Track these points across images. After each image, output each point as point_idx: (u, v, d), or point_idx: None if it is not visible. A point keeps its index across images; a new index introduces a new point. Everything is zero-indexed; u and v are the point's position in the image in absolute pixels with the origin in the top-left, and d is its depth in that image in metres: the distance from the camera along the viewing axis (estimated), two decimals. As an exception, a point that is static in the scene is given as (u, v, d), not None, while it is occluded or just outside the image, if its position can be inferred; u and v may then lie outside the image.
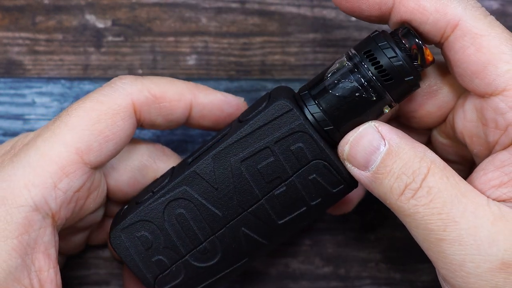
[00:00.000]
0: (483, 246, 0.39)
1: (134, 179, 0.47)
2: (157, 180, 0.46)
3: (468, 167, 0.48)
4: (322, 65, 0.54)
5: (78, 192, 0.43)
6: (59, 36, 0.54)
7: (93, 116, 0.43)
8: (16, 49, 0.54)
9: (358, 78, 0.42)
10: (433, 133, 0.47)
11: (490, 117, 0.42)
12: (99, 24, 0.54)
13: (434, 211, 0.39)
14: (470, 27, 0.41)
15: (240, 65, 0.54)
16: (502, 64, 0.40)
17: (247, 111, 0.44)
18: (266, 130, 0.42)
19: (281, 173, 0.43)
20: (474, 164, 0.45)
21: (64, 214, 0.43)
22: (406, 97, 0.43)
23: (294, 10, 0.54)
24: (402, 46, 0.41)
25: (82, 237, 0.50)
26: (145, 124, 0.46)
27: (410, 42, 0.41)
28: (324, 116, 0.42)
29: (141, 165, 0.47)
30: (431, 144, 0.48)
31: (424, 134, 0.48)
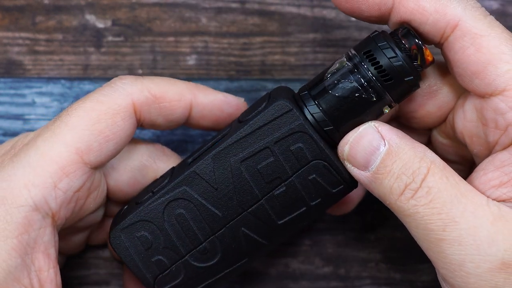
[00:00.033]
0: (483, 246, 0.39)
1: (134, 179, 0.47)
2: (157, 180, 0.46)
3: (468, 167, 0.48)
4: (322, 65, 0.54)
5: (78, 192, 0.43)
6: (59, 36, 0.54)
7: (93, 116, 0.43)
8: (16, 49, 0.54)
9: (358, 79, 0.41)
10: (433, 133, 0.47)
11: (490, 117, 0.42)
12: (99, 24, 0.54)
13: (433, 211, 0.39)
14: (470, 27, 0.41)
15: (240, 65, 0.54)
16: (502, 64, 0.40)
17: (247, 111, 0.44)
18: (266, 130, 0.42)
19: (281, 173, 0.43)
20: (474, 164, 0.45)
21: (64, 214, 0.43)
22: (406, 97, 0.43)
23: (294, 10, 0.54)
24: (402, 46, 0.41)
25: (82, 237, 0.50)
26: (145, 124, 0.46)
27: (410, 42, 0.41)
28: (324, 116, 0.42)
29: (141, 165, 0.47)
30: (431, 144, 0.48)
31: (424, 134, 0.48)
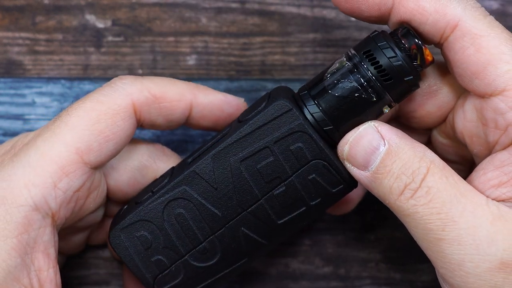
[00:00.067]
0: (482, 246, 0.39)
1: (134, 179, 0.47)
2: (156, 180, 0.46)
3: (468, 167, 0.48)
4: (322, 65, 0.54)
5: (78, 192, 0.43)
6: (59, 36, 0.54)
7: (93, 116, 0.43)
8: (16, 49, 0.54)
9: (357, 78, 0.41)
10: (433, 133, 0.47)
11: (490, 117, 0.42)
12: (99, 24, 0.54)
13: (433, 211, 0.39)
14: (470, 28, 0.41)
15: (240, 65, 0.54)
16: (501, 64, 0.40)
17: (247, 111, 0.44)
18: (265, 130, 0.42)
19: (280, 173, 0.43)
20: (474, 164, 0.45)
21: (64, 214, 0.43)
22: (406, 97, 0.43)
23: (294, 10, 0.54)
24: (402, 46, 0.41)
25: (82, 237, 0.50)
26: (145, 124, 0.46)
27: (410, 42, 0.41)
28: (323, 116, 0.42)
29: (141, 165, 0.47)
30: (431, 144, 0.48)
31: (424, 134, 0.48)
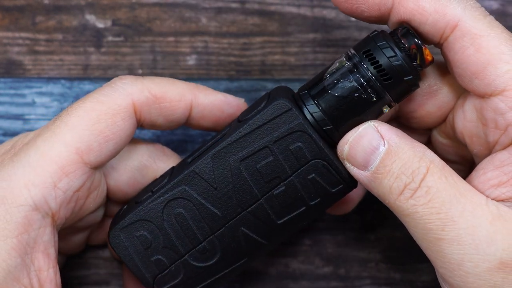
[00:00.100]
0: (482, 246, 0.39)
1: (134, 179, 0.47)
2: (156, 180, 0.46)
3: (468, 167, 0.48)
4: (322, 65, 0.54)
5: (78, 192, 0.43)
6: (59, 36, 0.54)
7: (93, 116, 0.43)
8: (16, 49, 0.54)
9: (357, 78, 0.41)
10: (433, 133, 0.47)
11: (490, 117, 0.42)
12: (99, 24, 0.54)
13: (432, 211, 0.39)
14: (470, 28, 0.41)
15: (240, 65, 0.54)
16: (501, 64, 0.40)
17: (247, 111, 0.44)
18: (265, 129, 0.42)
19: (280, 172, 0.43)
20: (474, 164, 0.45)
21: (63, 214, 0.43)
22: (406, 97, 0.43)
23: (294, 10, 0.54)
24: (401, 46, 0.41)
25: (82, 237, 0.50)
26: (145, 124, 0.46)
27: (409, 42, 0.41)
28: (323, 115, 0.42)
29: (141, 165, 0.47)
30: (431, 144, 0.48)
31: (424, 134, 0.48)
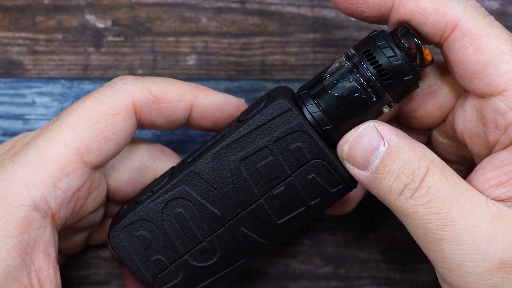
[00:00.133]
0: (482, 246, 0.39)
1: (134, 179, 0.47)
2: (156, 179, 0.46)
3: (468, 167, 0.48)
4: (322, 65, 0.54)
5: (78, 192, 0.43)
6: (59, 36, 0.54)
7: (93, 116, 0.43)
8: (16, 49, 0.54)
9: (357, 78, 0.41)
10: (433, 133, 0.47)
11: (490, 117, 0.42)
12: (99, 24, 0.54)
13: (432, 211, 0.39)
14: (470, 28, 0.41)
15: (240, 65, 0.54)
16: (501, 64, 0.40)
17: (246, 111, 0.44)
18: (265, 129, 0.42)
19: (280, 172, 0.43)
20: (474, 164, 0.45)
21: (63, 214, 0.43)
22: (405, 96, 0.42)
23: (294, 10, 0.54)
24: (401, 46, 0.41)
25: (82, 237, 0.50)
26: (145, 124, 0.46)
27: (409, 41, 0.41)
28: (323, 115, 0.42)
29: (141, 165, 0.47)
30: (431, 144, 0.48)
31: (424, 134, 0.48)
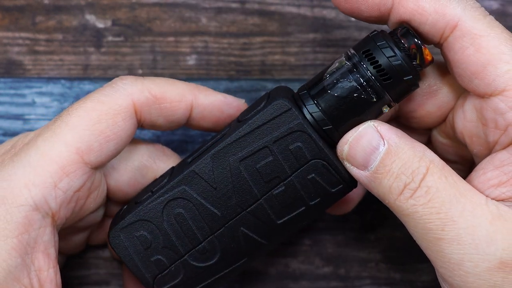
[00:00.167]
0: (481, 245, 0.39)
1: (134, 179, 0.47)
2: (156, 180, 0.46)
3: (468, 167, 0.48)
4: (322, 65, 0.54)
5: (78, 192, 0.43)
6: (59, 36, 0.54)
7: (93, 116, 0.43)
8: (16, 49, 0.54)
9: (357, 78, 0.41)
10: (433, 133, 0.47)
11: (490, 117, 0.42)
12: (99, 24, 0.54)
13: (432, 211, 0.39)
14: (469, 28, 0.41)
15: (240, 65, 0.54)
16: (501, 64, 0.40)
17: (246, 111, 0.44)
18: (264, 129, 0.42)
19: (280, 172, 0.43)
20: (474, 164, 0.45)
21: (64, 214, 0.43)
22: (405, 96, 0.42)
23: (294, 10, 0.54)
24: (401, 46, 0.41)
25: (82, 237, 0.50)
26: (145, 124, 0.46)
27: (409, 41, 0.41)
28: (323, 115, 0.42)
29: (141, 165, 0.47)
30: (431, 144, 0.48)
31: (424, 134, 0.48)
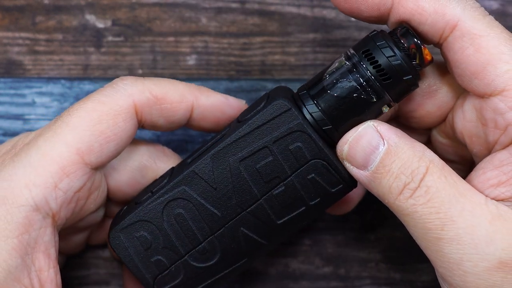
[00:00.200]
0: (481, 245, 0.39)
1: (134, 180, 0.47)
2: (156, 180, 0.46)
3: (467, 167, 0.48)
4: (322, 65, 0.54)
5: (79, 192, 0.43)
6: (59, 36, 0.54)
7: (94, 116, 0.43)
8: (16, 49, 0.54)
9: (356, 78, 0.41)
10: (432, 133, 0.47)
11: (490, 117, 0.42)
12: (99, 24, 0.54)
13: (432, 210, 0.39)
14: (469, 28, 0.41)
15: (240, 65, 0.54)
16: (501, 64, 0.40)
17: (246, 111, 0.44)
18: (264, 129, 0.42)
19: (279, 172, 0.43)
20: (474, 164, 0.45)
21: (64, 214, 0.43)
22: (405, 96, 0.42)
23: (294, 10, 0.54)
24: (401, 46, 0.41)
25: (82, 237, 0.50)
26: (146, 125, 0.46)
27: (409, 41, 0.41)
28: (322, 115, 0.42)
29: (141, 165, 0.47)
30: (431, 144, 0.48)
31: (424, 134, 0.48)
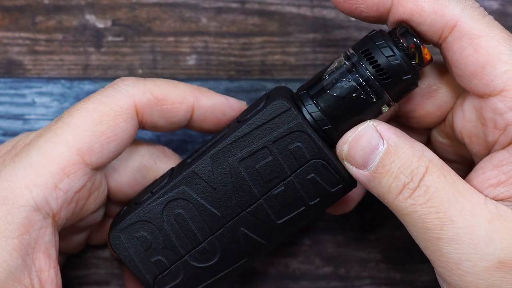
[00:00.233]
0: (480, 245, 0.39)
1: (134, 180, 0.47)
2: (156, 180, 0.46)
3: (467, 167, 0.48)
4: (322, 65, 0.54)
5: (79, 192, 0.43)
6: (59, 36, 0.54)
7: (95, 117, 0.43)
8: (16, 49, 0.54)
9: (356, 78, 0.41)
10: (432, 132, 0.47)
11: (489, 117, 0.42)
12: (99, 24, 0.54)
13: (431, 210, 0.39)
14: (468, 28, 0.41)
15: (240, 65, 0.54)
16: (500, 64, 0.40)
17: (246, 111, 0.44)
18: (264, 129, 0.42)
19: (279, 172, 0.43)
20: (473, 163, 0.45)
21: (64, 214, 0.43)
22: (405, 96, 0.42)
23: (294, 10, 0.54)
24: (400, 45, 0.41)
25: (82, 237, 0.50)
26: (147, 126, 0.46)
27: (408, 41, 0.41)
28: (322, 115, 0.42)
29: (141, 166, 0.47)
30: (431, 144, 0.48)
31: (423, 134, 0.48)
